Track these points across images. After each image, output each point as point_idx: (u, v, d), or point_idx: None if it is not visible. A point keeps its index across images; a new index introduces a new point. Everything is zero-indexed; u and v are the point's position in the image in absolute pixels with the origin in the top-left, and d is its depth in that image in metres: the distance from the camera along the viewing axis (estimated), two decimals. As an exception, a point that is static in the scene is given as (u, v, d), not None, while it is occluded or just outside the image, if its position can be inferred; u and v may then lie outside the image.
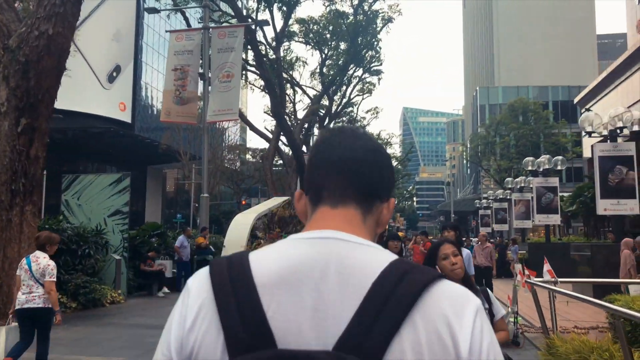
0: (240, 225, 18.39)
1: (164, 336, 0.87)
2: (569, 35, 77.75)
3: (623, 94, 31.36)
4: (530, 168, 20.70)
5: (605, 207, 12.86)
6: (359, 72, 37.17)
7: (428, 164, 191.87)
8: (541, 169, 20.19)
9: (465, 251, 5.11)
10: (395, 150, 61.02)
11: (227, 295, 0.82)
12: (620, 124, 12.69)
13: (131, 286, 12.57)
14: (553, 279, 6.02)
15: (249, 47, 27.32)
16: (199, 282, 0.88)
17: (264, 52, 30.73)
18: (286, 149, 35.11)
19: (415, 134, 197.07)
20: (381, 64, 38.74)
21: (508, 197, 34.27)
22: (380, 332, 0.76)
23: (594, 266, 12.31)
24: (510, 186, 28.17)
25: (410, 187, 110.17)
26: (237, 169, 54.56)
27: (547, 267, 6.28)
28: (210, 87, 16.43)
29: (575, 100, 41.68)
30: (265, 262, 0.86)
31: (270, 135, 30.21)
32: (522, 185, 26.13)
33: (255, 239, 18.07)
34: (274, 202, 22.31)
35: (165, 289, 13.20)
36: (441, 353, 0.77)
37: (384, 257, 0.84)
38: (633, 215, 13.78)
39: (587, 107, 37.98)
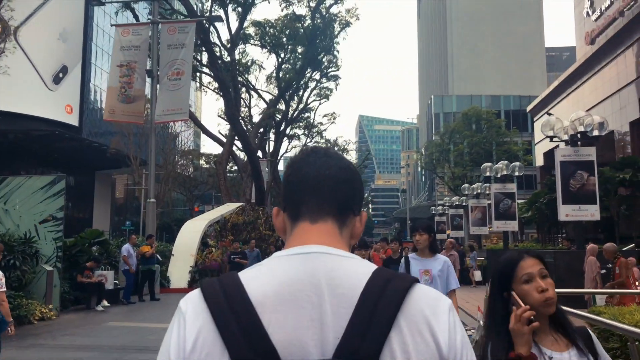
0: (191, 232, 17.42)
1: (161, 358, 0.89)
2: (519, 47, 79.90)
3: (574, 102, 32.06)
4: (488, 174, 20.54)
5: (566, 212, 12.63)
6: (316, 76, 36.66)
7: (383, 171, 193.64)
8: (499, 175, 20.06)
9: (443, 258, 4.37)
10: (352, 157, 60.87)
11: (226, 315, 0.85)
12: (581, 128, 12.51)
13: (66, 300, 11.40)
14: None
15: (202, 48, 26.34)
16: (193, 305, 0.90)
17: (218, 55, 29.80)
18: (241, 155, 34.14)
19: (370, 142, 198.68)
20: (338, 69, 38.40)
21: (464, 204, 34.42)
22: (373, 337, 0.83)
23: (557, 273, 12.00)
24: (466, 192, 28.13)
25: (366, 194, 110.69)
26: (190, 175, 53.09)
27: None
28: (158, 86, 15.43)
29: (528, 108, 42.56)
30: (258, 280, 0.89)
31: (225, 140, 29.20)
32: (479, 191, 26.09)
33: (206, 247, 17.11)
34: (227, 208, 21.40)
35: (105, 302, 12.00)
36: (425, 350, 0.85)
37: (366, 268, 0.91)
38: (586, 220, 13.61)
39: (539, 115, 38.85)
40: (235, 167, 42.10)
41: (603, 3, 32.59)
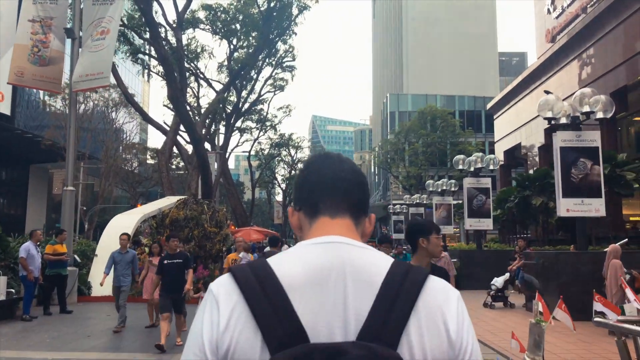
0: (119, 229, 14.56)
1: (192, 340, 0.92)
2: (473, 49, 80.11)
3: (537, 99, 31.01)
4: (461, 167, 18.72)
5: (568, 207, 10.76)
6: (272, 62, 34.26)
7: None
8: (472, 168, 18.27)
9: None
10: (306, 154, 58.78)
11: (259, 296, 0.89)
12: (586, 108, 10.67)
13: None
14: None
15: (146, 27, 23.44)
16: (225, 287, 0.93)
17: (164, 36, 26.94)
18: (189, 149, 31.17)
19: (323, 142, 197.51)
20: (294, 59, 36.17)
21: (425, 202, 32.79)
22: (395, 321, 0.88)
23: (560, 279, 10.08)
24: (431, 189, 26.38)
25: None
26: (134, 170, 49.51)
27: (630, 294, 3.62)
28: (80, 49, 12.62)
29: (488, 106, 41.49)
30: (286, 265, 0.94)
31: (168, 129, 26.30)
32: (444, 188, 24.36)
33: (138, 246, 14.36)
34: (166, 201, 18.61)
35: (-11, 319, 9.15)
36: (436, 334, 0.91)
37: (385, 259, 0.98)
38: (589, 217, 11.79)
39: (499, 112, 37.76)
40: (182, 164, 39.07)
41: (564, 0, 31.73)
